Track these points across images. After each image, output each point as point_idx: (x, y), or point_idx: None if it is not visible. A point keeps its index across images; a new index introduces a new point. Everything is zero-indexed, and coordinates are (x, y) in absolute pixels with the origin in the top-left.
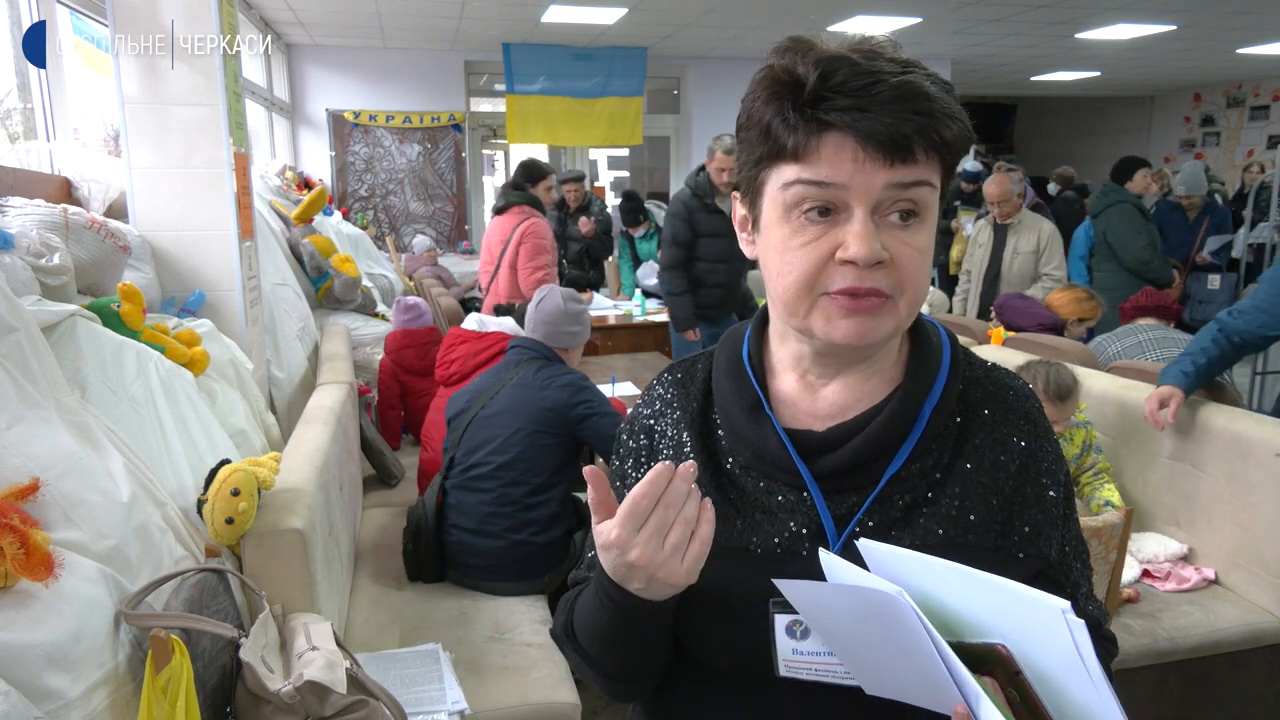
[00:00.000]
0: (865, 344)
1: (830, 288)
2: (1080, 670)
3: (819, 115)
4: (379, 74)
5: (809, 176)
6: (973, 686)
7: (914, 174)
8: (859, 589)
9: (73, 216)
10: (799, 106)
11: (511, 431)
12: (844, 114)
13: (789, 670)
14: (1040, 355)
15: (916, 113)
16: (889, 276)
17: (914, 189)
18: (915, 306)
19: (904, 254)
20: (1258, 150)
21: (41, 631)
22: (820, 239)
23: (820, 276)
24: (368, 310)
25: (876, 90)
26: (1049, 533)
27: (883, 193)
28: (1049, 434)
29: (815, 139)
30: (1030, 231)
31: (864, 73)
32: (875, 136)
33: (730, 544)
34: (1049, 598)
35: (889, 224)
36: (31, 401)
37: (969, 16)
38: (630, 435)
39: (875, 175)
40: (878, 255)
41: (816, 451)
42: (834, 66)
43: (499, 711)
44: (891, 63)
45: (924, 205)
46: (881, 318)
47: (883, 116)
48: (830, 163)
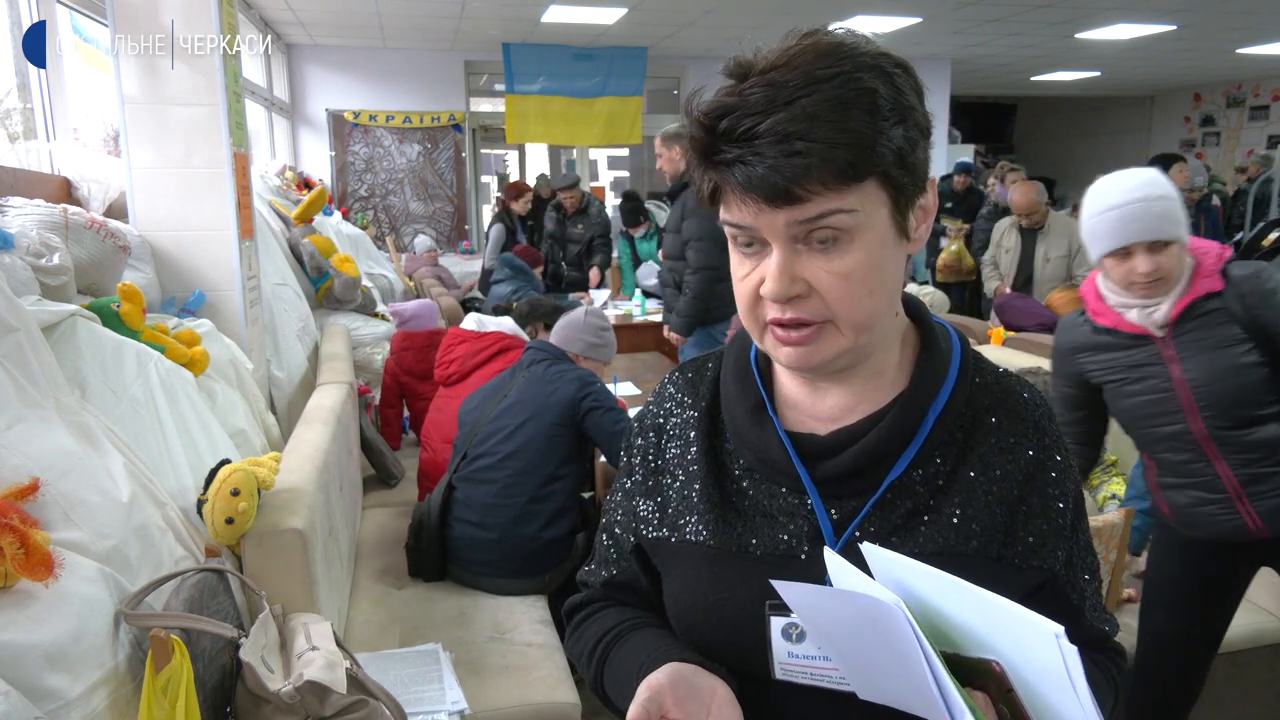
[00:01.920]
0: (811, 367)
1: (766, 318)
2: (1070, 694)
3: (711, 168)
4: (379, 74)
5: (726, 218)
6: (958, 702)
7: (814, 209)
8: (856, 595)
9: (73, 216)
10: (700, 156)
11: (520, 423)
12: (728, 167)
13: (784, 673)
14: (1040, 355)
15: (791, 155)
16: (813, 305)
17: (822, 220)
18: (862, 326)
19: (825, 281)
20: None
21: (41, 631)
22: (751, 273)
23: (757, 307)
24: (368, 310)
25: (754, 136)
26: (1054, 544)
27: (789, 229)
28: (1059, 443)
29: (720, 185)
30: (1060, 237)
31: (744, 116)
32: (752, 187)
33: (730, 546)
34: (1043, 621)
35: (810, 252)
36: (31, 401)
37: (969, 16)
38: (639, 433)
39: (774, 217)
40: (787, 292)
41: (818, 456)
42: (716, 115)
43: (499, 711)
44: (797, 84)
45: (845, 229)
46: (821, 343)
47: (756, 166)
48: (736, 207)
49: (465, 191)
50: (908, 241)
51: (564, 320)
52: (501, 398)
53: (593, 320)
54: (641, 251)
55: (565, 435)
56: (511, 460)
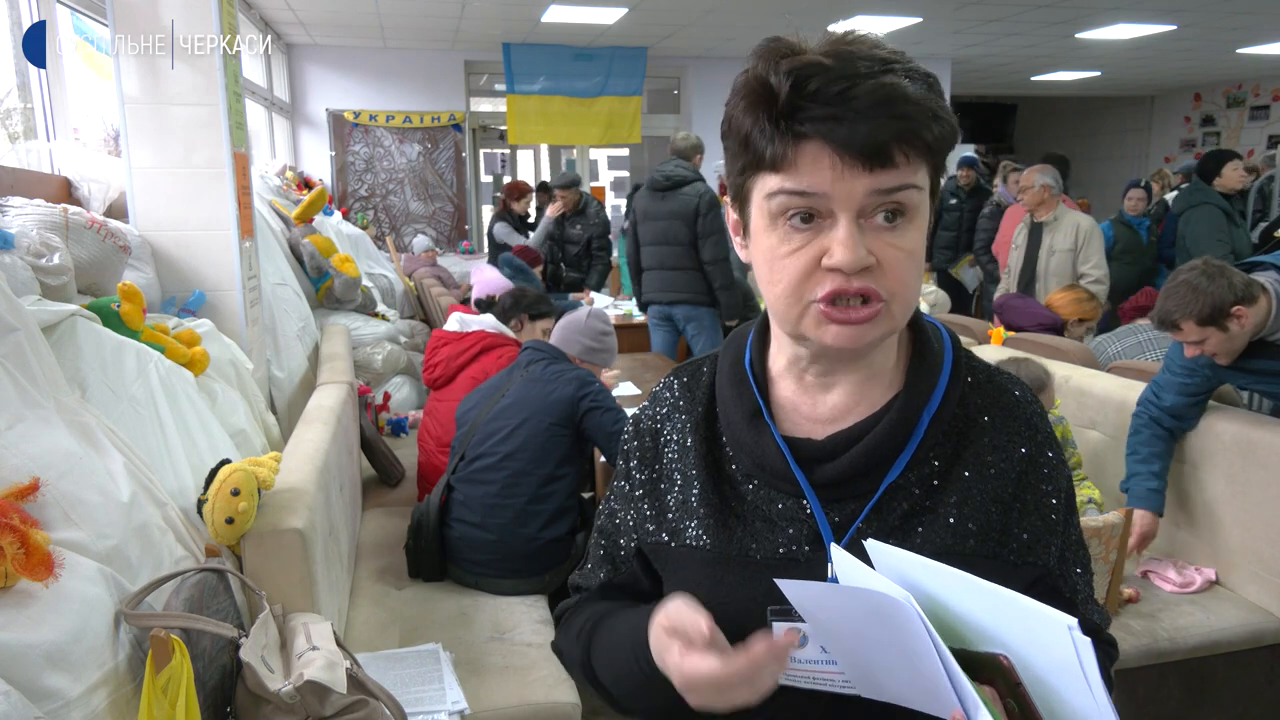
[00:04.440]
0: (858, 347)
1: (818, 294)
2: (1083, 686)
3: (794, 126)
4: (379, 74)
5: (790, 186)
6: (972, 695)
7: (897, 178)
8: (864, 591)
9: (73, 216)
10: (774, 118)
11: (519, 422)
12: (819, 124)
13: (786, 678)
14: (1040, 355)
15: (894, 116)
16: (877, 280)
17: (898, 193)
18: (908, 308)
19: (891, 256)
20: (1258, 150)
21: (41, 631)
22: (806, 246)
23: (807, 284)
24: (368, 310)
25: (851, 96)
26: (1048, 540)
27: (865, 199)
28: (1051, 440)
29: (793, 149)
30: (1067, 229)
31: (838, 78)
32: (852, 145)
33: (731, 551)
34: (1056, 613)
35: (875, 226)
36: (32, 401)
37: (969, 16)
38: (635, 436)
39: (856, 182)
40: (862, 261)
41: (815, 460)
42: (807, 74)
43: (499, 711)
44: (869, 62)
45: (911, 207)
46: (875, 324)
47: (859, 124)
48: (810, 172)
49: (465, 191)
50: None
51: (565, 321)
52: (500, 397)
53: (594, 324)
54: None
55: (564, 435)
56: (510, 461)
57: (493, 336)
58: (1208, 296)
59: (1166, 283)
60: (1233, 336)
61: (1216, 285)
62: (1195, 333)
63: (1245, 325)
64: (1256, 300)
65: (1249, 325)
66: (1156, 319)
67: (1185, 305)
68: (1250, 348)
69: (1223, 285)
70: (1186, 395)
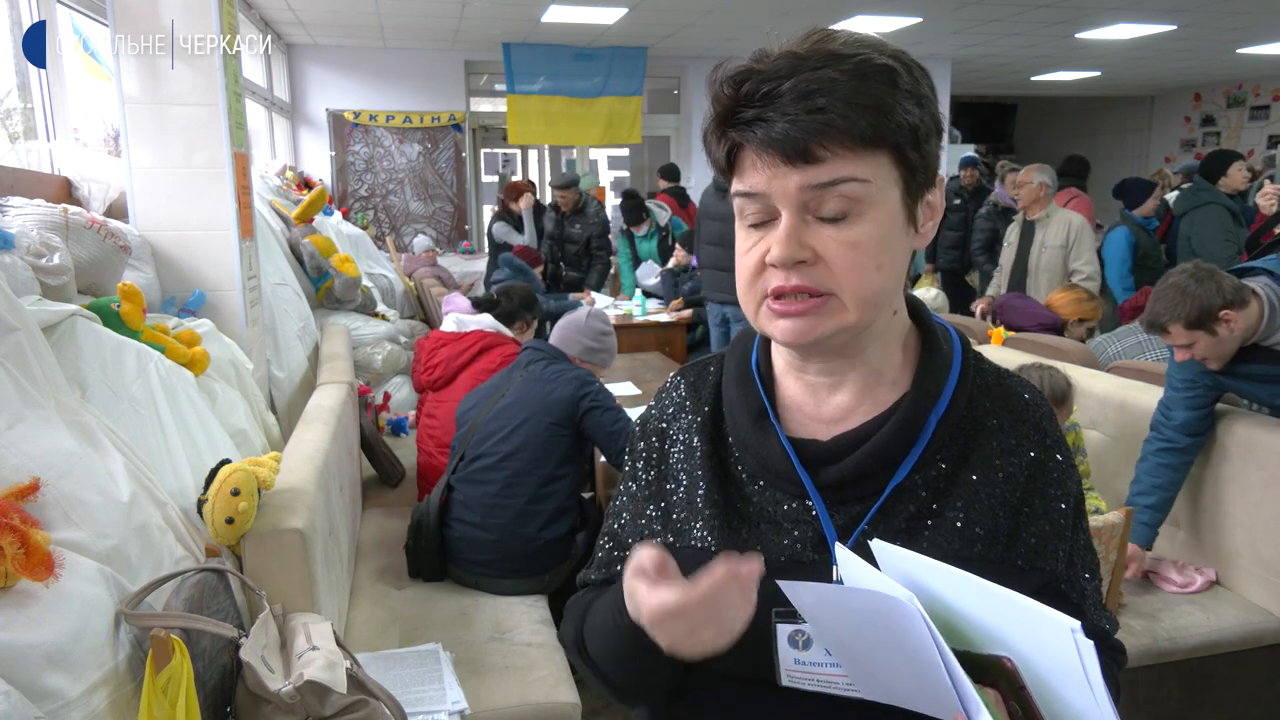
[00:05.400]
0: (808, 342)
1: (767, 290)
2: (1085, 689)
3: (728, 131)
4: (379, 74)
5: (740, 188)
6: (973, 697)
7: (829, 172)
8: (867, 592)
9: (73, 216)
10: (719, 124)
11: (519, 422)
12: (748, 127)
13: (791, 680)
14: (1040, 355)
15: (810, 111)
16: (819, 274)
17: (836, 186)
18: (866, 301)
19: (832, 250)
20: (1258, 150)
21: (41, 631)
22: (756, 245)
23: (758, 281)
24: (368, 310)
25: (775, 95)
26: (1055, 545)
27: (801, 195)
28: (1060, 444)
29: (736, 152)
30: (1059, 226)
31: (766, 79)
32: (770, 145)
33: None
34: (1060, 616)
35: (819, 222)
36: (32, 401)
37: (969, 16)
38: (642, 436)
39: (788, 180)
40: (795, 256)
41: (820, 462)
42: (741, 79)
43: (499, 711)
44: (815, 59)
45: (857, 200)
46: (822, 316)
47: (776, 123)
48: (750, 173)
49: (465, 191)
50: (915, 234)
51: (565, 320)
52: (499, 397)
53: (594, 324)
54: (642, 251)
55: (564, 435)
56: (510, 461)
57: (491, 335)
58: (1195, 299)
59: (1156, 286)
60: (1221, 340)
61: (1205, 289)
62: (1183, 336)
63: (1234, 329)
64: (1246, 304)
65: (1238, 329)
66: (1145, 322)
67: (1173, 308)
68: (1244, 353)
69: (1211, 289)
70: (1194, 409)
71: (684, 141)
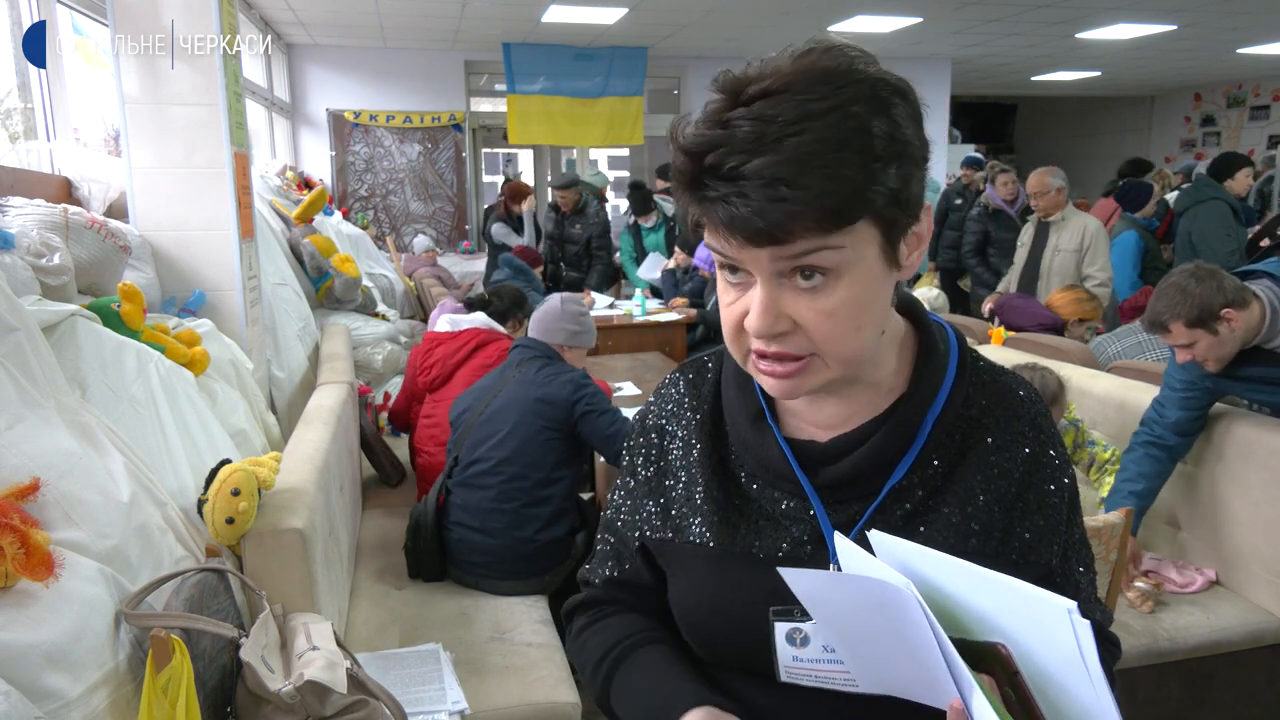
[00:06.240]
0: (796, 397)
1: (749, 347)
2: (1081, 671)
3: (697, 194)
4: (379, 74)
5: (714, 245)
6: (967, 678)
7: (802, 247)
8: (865, 579)
9: (73, 216)
10: (686, 187)
11: (513, 426)
12: (712, 204)
13: (789, 676)
14: (1040, 355)
15: (777, 200)
16: (798, 341)
17: (809, 256)
18: (847, 358)
19: (810, 319)
20: (1258, 150)
21: (41, 631)
22: (736, 301)
23: (741, 336)
24: (368, 310)
25: (740, 176)
26: (1050, 539)
27: (774, 264)
28: (1054, 439)
29: (706, 212)
30: (1074, 229)
31: (731, 154)
32: (737, 228)
33: (734, 548)
34: (1055, 597)
35: (794, 287)
36: (32, 401)
37: (969, 16)
38: (641, 432)
39: (759, 253)
40: (772, 329)
41: (818, 462)
42: (703, 150)
43: (499, 711)
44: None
45: (832, 266)
46: (806, 375)
47: (742, 208)
48: (720, 238)
49: (465, 191)
50: (898, 270)
51: (540, 312)
52: (491, 398)
53: (569, 308)
54: (648, 243)
55: (559, 439)
56: (506, 465)
57: (486, 333)
58: (1196, 298)
59: (1158, 286)
60: (1222, 340)
61: (1206, 288)
62: (1184, 335)
63: (1235, 329)
64: (1247, 305)
65: (1239, 330)
66: (1146, 321)
67: (1174, 307)
68: (1245, 355)
69: (1212, 288)
70: (1188, 410)
71: None
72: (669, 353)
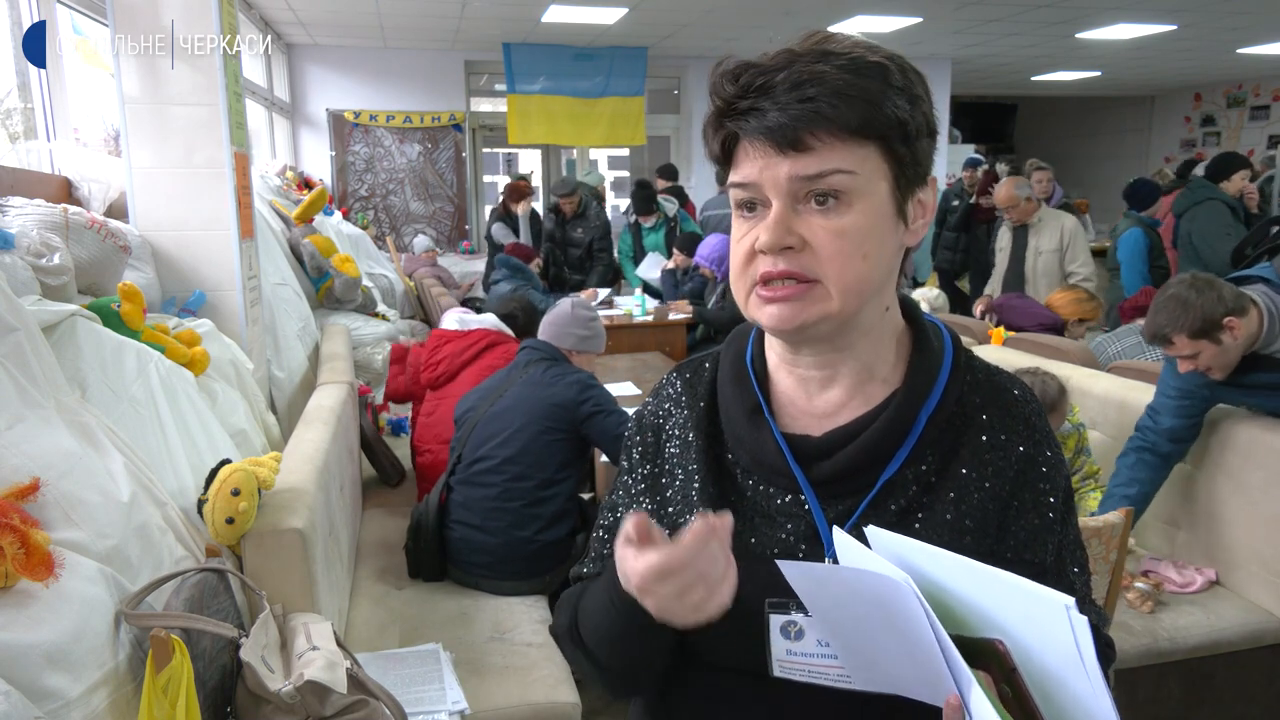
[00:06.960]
0: (793, 328)
1: (756, 276)
2: (1079, 668)
3: (725, 122)
4: (379, 74)
5: (735, 179)
6: (966, 674)
7: (818, 163)
8: (863, 573)
9: (73, 216)
10: (717, 115)
11: (518, 426)
12: (743, 117)
13: (783, 670)
14: (1040, 355)
15: (802, 101)
16: (805, 260)
17: (825, 178)
18: (850, 290)
19: (819, 238)
20: (1258, 150)
21: (41, 631)
22: (748, 234)
23: (748, 268)
24: (368, 310)
25: (769, 88)
26: (1044, 538)
27: (791, 184)
28: (1049, 439)
29: (732, 143)
30: (1051, 230)
31: (761, 72)
32: (763, 132)
33: (730, 545)
34: (1053, 593)
35: (808, 210)
36: (32, 401)
37: (969, 16)
38: (638, 431)
39: (779, 169)
40: (781, 241)
41: (813, 457)
42: (738, 73)
43: (499, 711)
44: (809, 56)
45: (845, 189)
46: (806, 303)
47: (770, 112)
48: (744, 164)
49: (465, 191)
50: (905, 229)
51: (551, 316)
52: (497, 398)
53: (579, 313)
54: (648, 243)
55: (564, 439)
56: (509, 465)
57: (495, 334)
58: (1198, 309)
59: (1155, 298)
60: (1226, 349)
61: (1206, 298)
62: (1188, 346)
63: (1238, 337)
64: (1247, 312)
65: (1241, 337)
66: (1147, 335)
67: (1176, 319)
68: (1244, 363)
69: (1212, 297)
70: (1183, 417)
71: (684, 142)
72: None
